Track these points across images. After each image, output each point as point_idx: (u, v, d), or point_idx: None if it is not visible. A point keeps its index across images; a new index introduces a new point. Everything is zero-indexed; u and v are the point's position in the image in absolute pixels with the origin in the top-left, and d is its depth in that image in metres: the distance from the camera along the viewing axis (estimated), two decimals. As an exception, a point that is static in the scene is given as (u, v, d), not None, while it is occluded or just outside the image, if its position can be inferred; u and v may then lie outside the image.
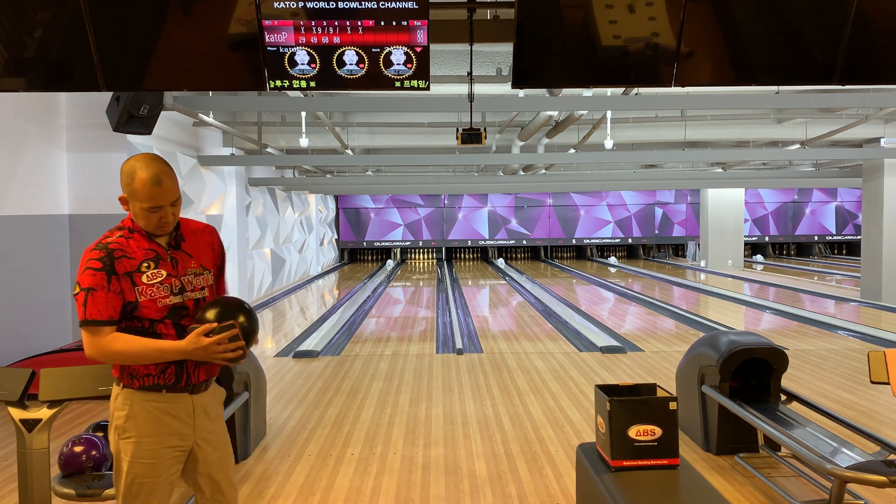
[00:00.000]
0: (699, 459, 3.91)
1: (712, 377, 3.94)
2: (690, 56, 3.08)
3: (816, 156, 10.67)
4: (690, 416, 4.17)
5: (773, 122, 10.55)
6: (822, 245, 22.58)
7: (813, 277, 15.40)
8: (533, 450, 4.14)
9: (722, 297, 11.85)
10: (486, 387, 5.69)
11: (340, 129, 10.34)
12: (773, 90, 7.18)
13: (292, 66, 3.07)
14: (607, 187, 16.62)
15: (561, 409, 4.99)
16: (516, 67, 3.14)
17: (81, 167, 6.82)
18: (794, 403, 3.88)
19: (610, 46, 3.05)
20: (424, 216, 21.53)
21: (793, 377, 5.74)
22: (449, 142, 10.57)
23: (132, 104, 5.64)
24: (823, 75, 3.13)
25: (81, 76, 3.03)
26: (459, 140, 4.54)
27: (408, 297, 12.95)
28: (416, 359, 6.87)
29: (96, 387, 2.60)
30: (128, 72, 3.05)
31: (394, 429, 4.58)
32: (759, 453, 3.90)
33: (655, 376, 6.03)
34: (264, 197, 13.08)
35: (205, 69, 3.06)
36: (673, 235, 21.99)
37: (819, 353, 6.89)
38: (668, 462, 2.59)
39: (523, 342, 7.76)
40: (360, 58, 3.07)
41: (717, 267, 17.22)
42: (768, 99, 6.97)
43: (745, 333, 4.15)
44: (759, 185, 17.99)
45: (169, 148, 8.21)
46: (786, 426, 3.44)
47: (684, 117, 9.78)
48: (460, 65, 6.91)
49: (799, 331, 8.37)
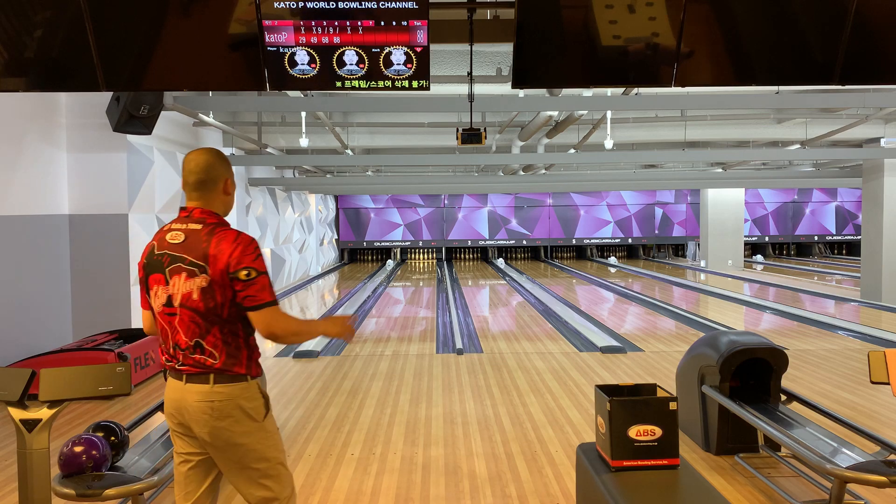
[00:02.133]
0: (699, 459, 3.91)
1: (712, 377, 3.93)
2: (690, 56, 3.08)
3: (816, 156, 10.67)
4: (690, 416, 4.17)
5: (773, 122, 10.56)
6: (822, 245, 22.58)
7: (813, 277, 15.40)
8: (533, 450, 4.14)
9: (722, 297, 11.85)
10: (486, 387, 5.69)
11: (340, 129, 10.34)
12: (773, 90, 7.18)
13: (292, 67, 3.07)
14: (607, 187, 16.62)
15: (561, 409, 4.99)
16: (516, 67, 3.14)
17: (81, 167, 6.82)
18: (794, 403, 3.88)
19: (610, 46, 3.05)
20: (424, 216, 21.53)
21: (793, 377, 5.74)
22: (449, 142, 10.57)
23: (132, 104, 5.65)
24: (823, 75, 3.13)
25: (81, 76, 3.04)
26: (459, 140, 4.54)
27: (408, 297, 12.95)
28: (416, 359, 6.87)
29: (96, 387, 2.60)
30: (128, 71, 3.05)
31: (394, 429, 4.58)
32: (759, 453, 3.90)
33: (655, 376, 6.02)
34: (264, 197, 13.08)
35: (205, 69, 3.06)
36: (673, 235, 21.99)
37: (819, 353, 6.88)
38: (669, 462, 2.59)
39: (523, 342, 7.76)
40: (360, 58, 3.07)
41: (717, 267, 17.22)
42: (768, 99, 6.97)
43: (745, 333, 4.15)
44: (759, 185, 17.99)
45: (169, 148, 8.21)
46: (786, 426, 3.44)
47: (684, 117, 9.78)
48: (460, 65, 6.91)
49: (799, 331, 8.36)
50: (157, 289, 2.13)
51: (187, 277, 2.07)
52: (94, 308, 6.84)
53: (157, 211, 7.72)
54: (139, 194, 7.22)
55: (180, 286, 2.08)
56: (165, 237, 2.14)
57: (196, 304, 2.06)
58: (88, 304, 6.84)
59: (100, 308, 6.85)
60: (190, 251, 2.08)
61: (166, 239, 2.13)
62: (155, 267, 2.13)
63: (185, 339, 2.09)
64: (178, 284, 2.08)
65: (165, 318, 2.12)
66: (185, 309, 2.08)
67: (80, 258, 6.81)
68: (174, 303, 2.09)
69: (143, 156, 7.36)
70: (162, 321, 2.14)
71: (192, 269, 2.07)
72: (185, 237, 2.11)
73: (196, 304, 2.07)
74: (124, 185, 6.94)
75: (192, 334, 2.08)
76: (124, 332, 6.42)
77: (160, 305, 2.13)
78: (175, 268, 2.09)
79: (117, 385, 2.67)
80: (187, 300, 2.07)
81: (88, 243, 6.84)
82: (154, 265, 2.14)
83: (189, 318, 2.08)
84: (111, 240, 6.92)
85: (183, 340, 2.09)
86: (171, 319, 2.11)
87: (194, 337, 2.08)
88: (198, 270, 2.06)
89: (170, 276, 2.10)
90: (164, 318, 2.13)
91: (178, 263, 2.09)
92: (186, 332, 2.08)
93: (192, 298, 2.07)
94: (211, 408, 2.07)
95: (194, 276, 2.06)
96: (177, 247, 2.10)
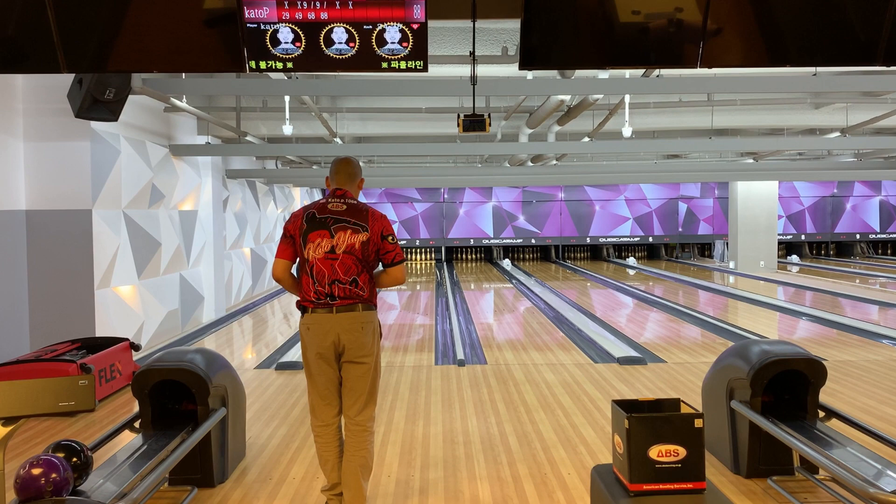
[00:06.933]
0: (728, 483, 3.91)
1: (742, 391, 3.94)
2: (718, 34, 3.08)
3: (858, 145, 10.67)
4: (718, 434, 4.17)
5: (809, 107, 10.56)
6: (865, 244, 22.60)
7: (854, 280, 15.41)
8: (543, 472, 4.14)
9: (753, 302, 11.86)
10: (491, 402, 5.70)
11: (328, 115, 10.34)
12: (810, 72, 7.18)
13: (275, 45, 3.07)
14: (625, 180, 16.63)
15: (574, 427, 4.99)
16: (524, 46, 3.14)
17: (40, 157, 6.83)
18: (834, 420, 3.88)
19: (628, 23, 3.05)
20: (422, 212, 21.54)
21: (832, 391, 5.74)
22: (449, 129, 10.58)
23: (96, 87, 5.65)
24: (866, 55, 3.13)
25: (39, 56, 3.03)
26: (461, 127, 4.54)
27: (403, 302, 12.96)
28: (412, 371, 6.87)
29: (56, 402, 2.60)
30: (91, 51, 3.05)
31: (388, 449, 4.59)
32: (794, 476, 3.91)
33: (679, 390, 6.04)
34: (243, 191, 13.09)
35: (177, 48, 3.06)
36: (698, 234, 22.01)
37: (861, 365, 6.89)
38: (694, 486, 2.60)
39: (532, 352, 7.77)
40: (350, 36, 3.07)
41: (747, 269, 17.24)
42: (805, 81, 6.97)
43: (778, 343, 4.15)
44: (795, 177, 18.00)
45: (137, 136, 8.22)
46: (824, 446, 3.44)
47: (711, 102, 9.78)
48: (462, 43, 6.92)
49: (839, 340, 8.37)
50: (321, 241, 3.32)
51: (352, 233, 3.32)
52: (53, 314, 6.85)
53: (124, 206, 7.73)
54: (104, 188, 7.23)
55: (345, 239, 3.31)
56: (327, 206, 3.38)
57: (357, 252, 3.32)
58: (47, 309, 6.84)
59: (60, 314, 6.85)
60: (353, 216, 3.35)
61: (328, 207, 3.37)
62: (320, 224, 3.33)
63: (344, 276, 3.31)
64: (342, 238, 3.31)
65: (326, 263, 3.31)
66: (347, 255, 3.31)
67: (38, 259, 6.82)
68: (337, 251, 3.31)
69: (109, 145, 7.37)
70: (321, 265, 3.31)
71: (356, 227, 3.33)
72: (347, 208, 3.37)
73: (357, 252, 3.32)
74: (87, 178, 6.95)
75: (351, 273, 3.32)
76: (88, 342, 6.42)
77: (322, 253, 3.31)
78: (340, 226, 3.32)
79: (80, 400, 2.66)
80: (351, 249, 3.31)
81: (48, 242, 6.85)
82: (319, 223, 3.34)
83: (351, 261, 3.32)
84: (73, 238, 6.92)
85: (343, 277, 3.31)
86: (332, 263, 3.31)
87: (352, 275, 3.33)
88: (361, 229, 3.33)
89: (334, 232, 3.31)
90: (324, 263, 3.31)
91: (342, 223, 3.33)
92: (346, 272, 3.32)
93: (354, 248, 3.31)
94: (361, 325, 3.35)
95: (358, 233, 3.32)
96: (340, 213, 3.35)
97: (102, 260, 7.22)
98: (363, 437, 3.42)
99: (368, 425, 3.45)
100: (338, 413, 3.48)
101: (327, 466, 3.47)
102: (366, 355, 3.38)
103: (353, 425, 3.42)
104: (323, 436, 3.46)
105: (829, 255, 22.69)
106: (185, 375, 3.90)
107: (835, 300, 11.96)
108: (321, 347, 3.34)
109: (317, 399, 3.44)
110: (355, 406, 3.42)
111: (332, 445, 3.46)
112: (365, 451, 3.42)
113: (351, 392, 3.42)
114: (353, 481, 3.37)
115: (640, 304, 12.11)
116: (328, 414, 3.45)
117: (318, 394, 3.43)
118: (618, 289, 14.41)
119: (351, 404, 3.42)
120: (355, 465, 3.38)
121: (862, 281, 15.35)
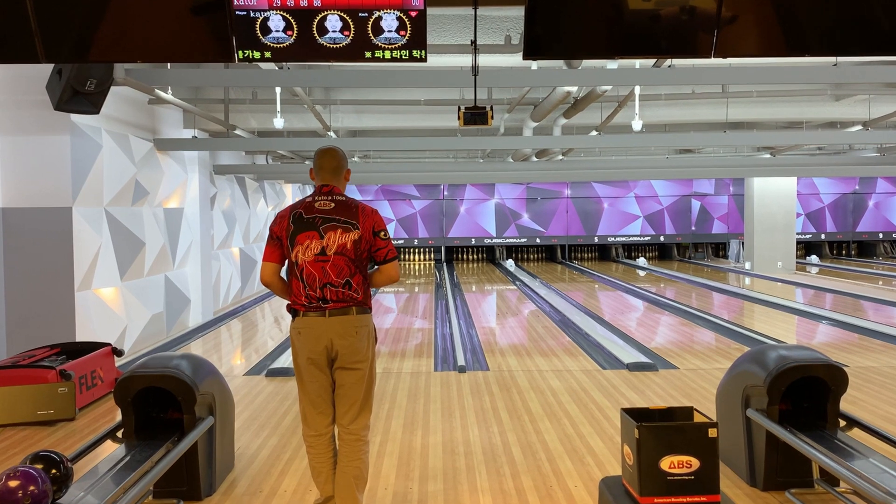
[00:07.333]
0: (743, 496, 3.91)
1: (759, 399, 3.94)
2: (733, 21, 3.07)
3: (882, 139, 10.68)
4: (733, 444, 4.17)
5: (830, 99, 10.56)
6: (889, 244, 22.61)
7: (877, 282, 15.42)
8: (548, 485, 4.14)
9: (770, 304, 11.86)
10: (493, 410, 5.70)
11: (321, 107, 10.35)
12: (830, 62, 7.18)
13: (265, 34, 3.07)
14: (635, 176, 16.64)
15: (581, 437, 5.00)
16: (528, 35, 3.14)
17: (16, 152, 6.83)
18: (856, 430, 3.89)
19: (639, 10, 3.05)
20: (420, 210, 21.55)
21: (853, 399, 5.74)
22: (449, 123, 10.58)
23: (77, 78, 5.65)
24: (890, 44, 3.13)
25: (16, 45, 3.03)
26: (462, 121, 4.54)
27: (401, 304, 12.97)
28: (410, 377, 6.88)
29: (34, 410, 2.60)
30: (71, 39, 3.05)
31: (384, 460, 4.59)
32: (813, 489, 3.91)
33: (692, 398, 6.04)
34: (232, 187, 13.09)
35: (162, 37, 3.06)
36: (712, 233, 22.02)
37: (885, 372, 6.89)
38: (707, 499, 2.60)
39: (536, 358, 7.77)
40: (344, 24, 3.07)
41: (764, 270, 17.25)
42: (825, 72, 6.97)
43: (797, 348, 4.15)
44: (814, 173, 18.00)
45: (120, 129, 8.22)
46: (845, 457, 3.44)
47: (726, 93, 9.78)
48: (463, 32, 6.92)
49: (861, 345, 8.37)
50: (310, 242, 3.30)
51: (343, 232, 3.30)
52: (31, 318, 6.85)
53: (105, 203, 7.73)
54: (85, 184, 7.23)
55: (336, 239, 3.29)
56: (314, 205, 3.35)
57: (349, 251, 3.31)
58: (25, 313, 6.84)
59: (38, 318, 6.85)
60: (342, 214, 3.33)
61: (315, 206, 3.35)
62: (308, 225, 3.31)
63: (336, 279, 3.30)
64: (333, 238, 3.29)
65: (317, 265, 3.30)
66: (339, 256, 3.30)
67: (14, 259, 6.82)
68: (328, 252, 3.29)
69: (90, 139, 7.37)
70: (311, 268, 3.30)
71: (346, 226, 3.31)
72: (335, 205, 3.35)
73: (349, 252, 3.31)
74: (67, 174, 6.95)
75: (343, 275, 3.31)
76: (67, 346, 6.42)
77: (312, 255, 3.30)
78: (330, 226, 3.30)
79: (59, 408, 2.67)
80: (342, 249, 3.30)
81: (25, 242, 6.85)
82: (306, 223, 3.32)
83: (344, 262, 3.30)
84: (52, 237, 6.92)
85: (335, 280, 3.29)
86: (323, 265, 3.30)
87: (345, 277, 3.31)
88: (352, 227, 3.31)
89: (324, 232, 3.29)
90: (314, 266, 3.30)
91: (332, 223, 3.31)
92: (339, 274, 3.30)
93: (346, 248, 3.30)
94: (355, 329, 3.34)
95: (349, 232, 3.31)
96: (328, 211, 3.33)
97: (83, 260, 7.22)
98: (357, 447, 3.42)
99: (363, 434, 3.45)
100: (331, 422, 3.47)
101: (320, 478, 3.46)
102: (360, 361, 3.37)
103: (346, 434, 3.42)
104: (315, 446, 3.45)
105: (851, 256, 22.70)
106: (171, 382, 3.90)
107: (856, 303, 11.96)
108: (313, 353, 3.33)
109: (309, 407, 3.44)
110: (349, 414, 3.41)
111: (325, 456, 3.45)
112: (359, 461, 3.42)
113: (344, 399, 3.41)
114: (348, 494, 3.37)
115: (651, 307, 12.12)
116: (321, 423, 3.44)
117: (310, 401, 3.43)
118: (627, 291, 14.41)
119: (344, 412, 3.42)
120: (349, 476, 3.39)
121: (885, 282, 15.35)
